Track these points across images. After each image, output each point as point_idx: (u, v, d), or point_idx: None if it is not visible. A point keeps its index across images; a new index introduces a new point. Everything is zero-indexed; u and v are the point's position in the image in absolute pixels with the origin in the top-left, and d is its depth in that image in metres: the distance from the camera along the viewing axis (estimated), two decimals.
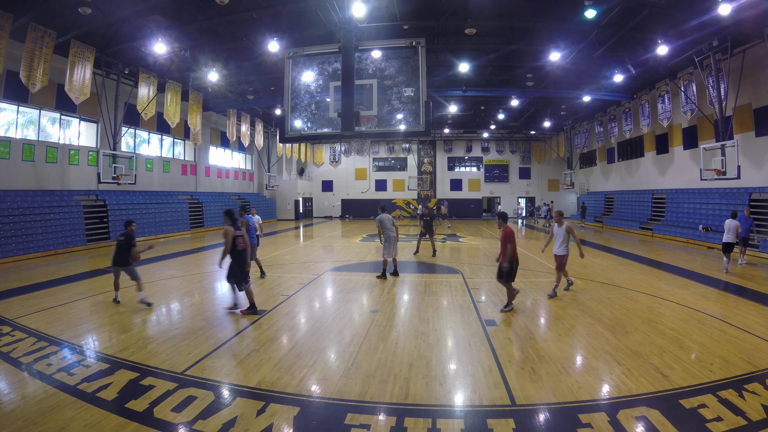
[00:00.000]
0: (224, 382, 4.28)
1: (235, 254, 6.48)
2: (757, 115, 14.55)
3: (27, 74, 12.08)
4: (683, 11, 12.44)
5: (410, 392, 4.04)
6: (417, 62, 6.00)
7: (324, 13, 13.03)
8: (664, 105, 18.45)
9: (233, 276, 6.54)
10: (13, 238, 12.79)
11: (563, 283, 8.36)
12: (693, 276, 9.91)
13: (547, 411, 3.70)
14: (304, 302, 7.74)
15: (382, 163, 38.12)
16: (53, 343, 5.35)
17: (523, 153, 36.79)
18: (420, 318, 6.56)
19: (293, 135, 6.53)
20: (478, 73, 18.93)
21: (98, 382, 4.20)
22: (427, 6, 13.67)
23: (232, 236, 6.37)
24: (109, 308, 7.13)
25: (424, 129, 5.99)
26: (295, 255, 13.92)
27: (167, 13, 13.06)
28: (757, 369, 4.48)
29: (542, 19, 13.93)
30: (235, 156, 29.31)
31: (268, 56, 15.15)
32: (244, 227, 8.07)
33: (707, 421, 3.45)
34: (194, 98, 20.11)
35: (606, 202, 26.92)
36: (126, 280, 7.47)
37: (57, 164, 15.50)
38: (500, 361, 4.82)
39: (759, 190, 14.30)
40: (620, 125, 23.50)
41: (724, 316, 6.55)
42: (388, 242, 9.54)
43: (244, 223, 8.36)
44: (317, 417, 3.62)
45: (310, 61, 6.44)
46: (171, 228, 20.21)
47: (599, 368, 4.59)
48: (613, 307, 7.09)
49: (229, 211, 6.59)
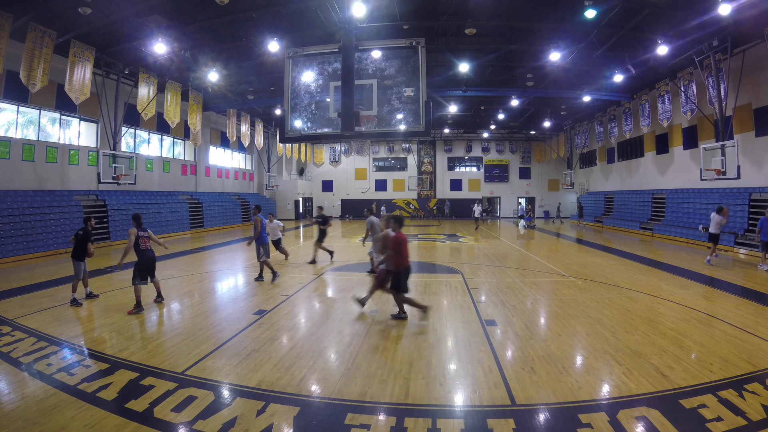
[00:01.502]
0: (224, 382, 4.28)
1: (139, 253, 7.11)
2: (757, 115, 14.55)
3: (27, 74, 12.08)
4: (683, 11, 12.44)
5: (410, 392, 4.04)
6: (417, 62, 5.99)
7: (324, 13, 13.03)
8: (664, 105, 18.45)
9: (136, 274, 7.07)
10: (13, 238, 12.79)
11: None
12: (693, 276, 9.91)
13: (547, 411, 3.70)
14: (304, 302, 7.74)
15: (382, 163, 38.12)
16: (53, 343, 5.35)
17: (523, 153, 36.79)
18: (420, 318, 6.55)
19: (293, 135, 6.52)
20: (478, 73, 18.93)
21: (98, 382, 4.20)
22: (427, 6, 13.66)
23: (134, 236, 7.03)
24: (109, 308, 7.13)
25: (424, 129, 5.99)
26: (294, 255, 13.91)
27: (167, 13, 13.06)
28: (757, 369, 4.47)
29: (542, 19, 13.93)
30: (235, 156, 29.31)
31: (268, 56, 15.15)
32: (258, 225, 9.40)
33: (707, 421, 3.45)
34: (194, 98, 20.11)
35: (606, 202, 26.91)
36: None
37: (57, 164, 15.49)
38: (500, 361, 4.82)
39: (759, 190, 14.30)
40: (620, 125, 23.50)
41: (724, 316, 6.55)
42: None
43: (258, 221, 9.43)
44: (317, 417, 3.62)
45: (310, 61, 6.43)
46: (171, 228, 20.20)
47: (599, 368, 4.58)
48: (613, 307, 7.09)
49: (136, 215, 7.43)
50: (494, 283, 9.21)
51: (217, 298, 8.20)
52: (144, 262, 7.11)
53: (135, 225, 7.23)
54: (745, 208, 14.50)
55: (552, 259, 12.55)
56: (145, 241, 7.21)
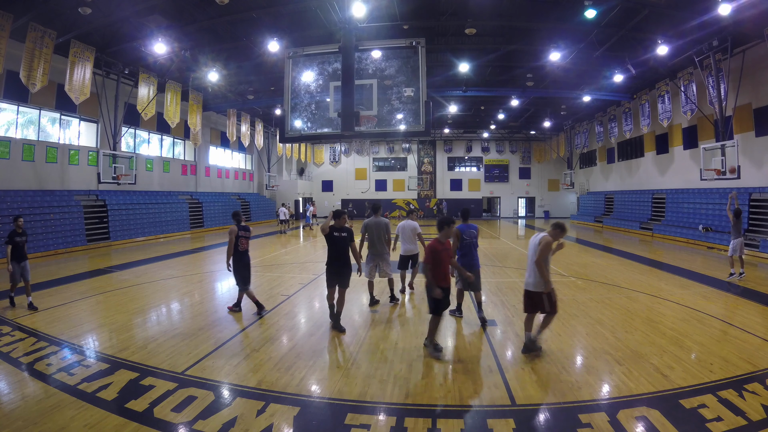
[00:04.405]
0: (224, 382, 4.28)
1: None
2: (757, 115, 14.55)
3: (27, 74, 12.08)
4: (683, 11, 12.44)
5: (410, 392, 4.04)
6: (417, 62, 5.99)
7: (324, 13, 13.02)
8: (664, 105, 18.45)
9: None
10: None
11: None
12: (693, 276, 9.91)
13: (547, 411, 3.70)
14: (304, 302, 7.74)
15: (382, 163, 38.12)
16: (53, 343, 5.35)
17: (523, 153, 36.79)
18: (420, 318, 6.56)
19: (293, 135, 6.52)
20: (478, 73, 18.93)
21: (98, 382, 4.20)
22: (427, 6, 13.67)
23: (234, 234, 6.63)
24: (109, 308, 7.13)
25: (424, 129, 5.98)
26: (295, 255, 13.92)
27: (167, 13, 13.06)
28: (757, 369, 4.47)
29: (542, 19, 13.93)
30: (235, 156, 29.31)
31: (268, 56, 15.14)
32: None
33: (707, 421, 3.45)
34: (194, 98, 20.11)
35: (606, 202, 26.92)
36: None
37: (57, 164, 15.49)
38: (500, 361, 4.82)
39: (759, 190, 14.31)
40: (620, 125, 23.50)
41: (724, 316, 6.55)
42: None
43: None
44: (317, 417, 3.62)
45: (310, 61, 6.43)
46: (171, 228, 20.20)
47: (599, 368, 4.58)
48: (613, 307, 7.09)
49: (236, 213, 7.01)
50: (494, 283, 9.21)
51: (218, 298, 8.20)
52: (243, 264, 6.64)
53: (235, 223, 6.75)
54: (745, 208, 14.50)
55: (552, 259, 12.53)
56: (245, 242, 6.68)
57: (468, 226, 6.33)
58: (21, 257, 7.08)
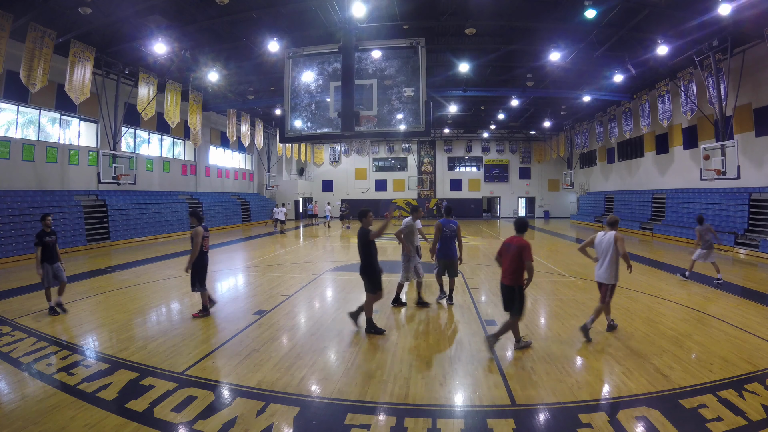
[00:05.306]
0: (224, 382, 4.28)
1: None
2: (757, 115, 14.55)
3: (27, 74, 12.08)
4: (683, 11, 12.43)
5: (410, 392, 4.04)
6: (417, 62, 5.99)
7: (324, 13, 13.02)
8: (664, 105, 18.45)
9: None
10: (13, 238, 12.79)
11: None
12: (693, 276, 9.90)
13: (547, 411, 3.70)
14: (304, 302, 7.74)
15: (382, 163, 38.11)
16: (53, 343, 5.35)
17: (523, 153, 36.78)
18: (420, 318, 6.56)
19: (293, 135, 6.53)
20: (478, 73, 18.93)
21: (98, 382, 4.20)
22: (427, 6, 13.66)
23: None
24: (109, 308, 7.13)
25: (424, 129, 5.99)
26: (295, 255, 13.92)
27: (167, 13, 13.05)
28: (757, 369, 4.48)
29: (542, 19, 13.92)
30: (235, 156, 29.31)
31: (268, 56, 15.14)
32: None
33: (707, 421, 3.45)
34: (194, 98, 20.11)
35: (606, 202, 26.91)
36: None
37: (57, 164, 15.49)
38: (500, 361, 4.82)
39: (759, 190, 14.30)
40: (620, 125, 23.50)
41: (724, 316, 6.55)
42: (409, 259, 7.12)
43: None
44: (317, 417, 3.62)
45: (310, 61, 6.43)
46: (171, 228, 20.19)
47: (599, 368, 4.59)
48: (613, 307, 7.06)
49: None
50: (494, 283, 9.20)
51: (217, 298, 8.19)
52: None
53: (198, 223, 6.57)
54: (745, 208, 14.51)
55: (552, 259, 12.55)
56: (207, 242, 6.61)
57: (448, 221, 7.06)
58: (53, 258, 6.70)
